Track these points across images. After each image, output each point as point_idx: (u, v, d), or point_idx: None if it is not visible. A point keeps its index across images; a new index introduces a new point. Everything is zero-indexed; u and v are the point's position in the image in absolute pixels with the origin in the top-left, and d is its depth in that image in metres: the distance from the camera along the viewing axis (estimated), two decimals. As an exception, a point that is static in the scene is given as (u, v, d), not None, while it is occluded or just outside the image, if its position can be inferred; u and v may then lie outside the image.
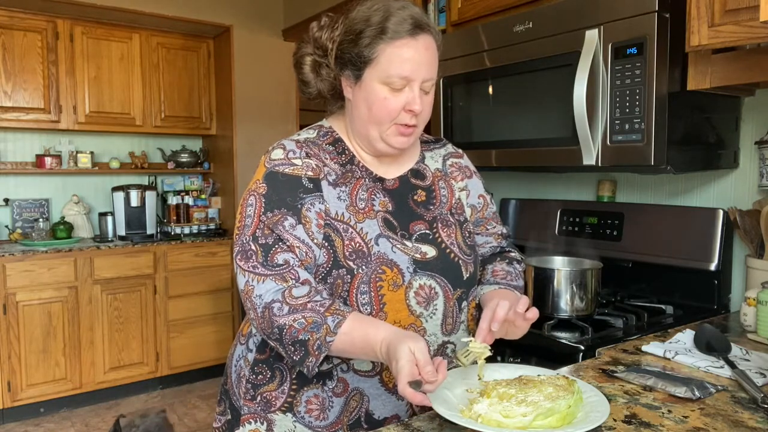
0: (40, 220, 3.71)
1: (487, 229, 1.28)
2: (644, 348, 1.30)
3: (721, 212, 1.70)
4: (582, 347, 1.43)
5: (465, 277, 1.13)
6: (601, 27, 1.52)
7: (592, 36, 1.53)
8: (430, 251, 1.09)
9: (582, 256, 1.76)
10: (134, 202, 3.84)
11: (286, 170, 1.06)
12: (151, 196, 3.92)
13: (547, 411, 0.84)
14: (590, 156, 1.56)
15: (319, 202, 1.05)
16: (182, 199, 4.17)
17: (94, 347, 3.53)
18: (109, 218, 3.89)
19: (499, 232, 1.30)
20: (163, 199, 4.26)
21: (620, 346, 1.34)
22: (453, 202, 1.19)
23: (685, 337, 1.36)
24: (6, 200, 3.74)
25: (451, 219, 1.16)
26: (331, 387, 1.06)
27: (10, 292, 3.26)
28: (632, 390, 1.07)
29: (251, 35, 4.40)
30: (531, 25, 1.72)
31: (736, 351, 1.26)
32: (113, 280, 3.58)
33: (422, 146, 1.24)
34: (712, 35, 1.36)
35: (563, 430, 0.83)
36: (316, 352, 0.94)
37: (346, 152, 1.13)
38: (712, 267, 1.69)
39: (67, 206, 3.89)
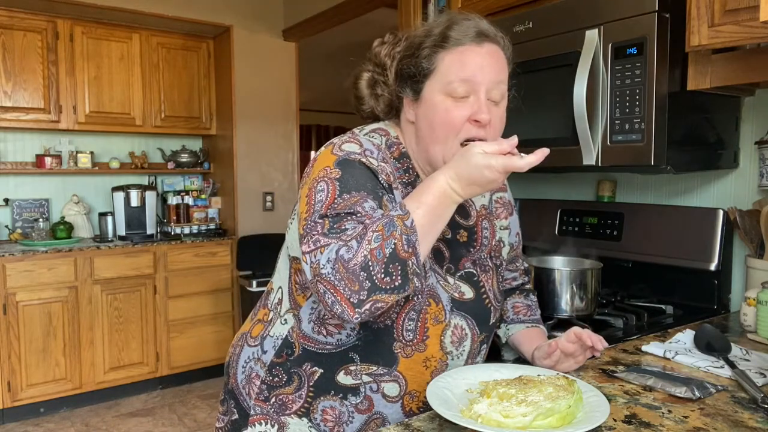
0: (40, 220, 3.71)
1: (516, 266, 1.29)
2: (644, 348, 1.30)
3: (721, 212, 1.70)
4: (582, 347, 1.43)
5: (491, 322, 1.12)
6: (601, 27, 1.52)
7: (592, 36, 1.53)
8: (468, 292, 1.06)
9: (582, 256, 1.76)
10: (134, 202, 3.84)
11: (363, 160, 0.95)
12: (151, 196, 3.92)
13: (547, 411, 0.84)
14: (590, 156, 1.56)
15: (393, 204, 0.96)
16: (182, 199, 4.18)
17: (94, 347, 3.53)
18: (109, 218, 3.89)
19: (523, 269, 1.31)
20: (163, 199, 4.26)
21: (620, 346, 1.34)
22: (493, 244, 1.13)
23: (685, 337, 1.36)
24: (6, 200, 3.74)
25: (489, 264, 1.11)
26: (355, 402, 1.02)
27: (10, 292, 3.26)
28: (632, 390, 1.07)
29: (251, 35, 4.39)
30: (531, 25, 1.72)
31: (736, 351, 1.26)
32: (113, 280, 3.58)
33: None
34: (712, 35, 1.36)
35: (563, 430, 0.83)
36: (410, 249, 0.81)
37: (410, 171, 1.04)
38: (712, 267, 1.69)
39: (67, 206, 3.89)
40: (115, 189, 3.88)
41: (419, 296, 1.00)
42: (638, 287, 1.88)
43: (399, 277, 0.82)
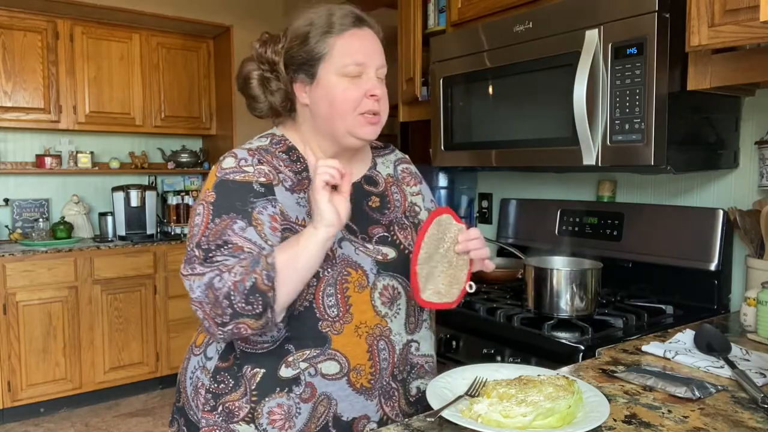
0: (40, 220, 3.71)
1: None
2: (644, 348, 1.30)
3: (721, 212, 1.70)
4: (582, 347, 1.43)
5: None
6: (601, 27, 1.52)
7: (592, 36, 1.53)
8: (391, 252, 1.12)
9: (582, 256, 1.76)
10: (134, 202, 3.84)
11: (237, 177, 1.05)
12: (151, 196, 3.92)
13: (547, 411, 0.84)
14: (590, 156, 1.56)
15: (272, 206, 1.04)
16: (182, 199, 4.18)
17: (94, 347, 3.53)
18: (109, 218, 3.89)
19: None
20: (163, 199, 4.26)
21: (620, 346, 1.34)
22: (406, 205, 1.22)
23: (685, 337, 1.36)
24: (6, 200, 3.74)
25: (406, 222, 1.19)
26: (298, 393, 1.03)
27: (10, 292, 3.26)
28: (632, 390, 1.07)
29: (251, 35, 4.36)
30: (531, 25, 1.72)
31: (736, 351, 1.27)
32: (113, 280, 3.58)
33: (373, 152, 1.26)
34: (712, 35, 1.36)
35: (563, 430, 0.83)
36: (268, 283, 0.93)
37: (301, 160, 1.13)
38: (712, 267, 1.69)
39: (67, 206, 3.89)
40: (115, 189, 3.88)
41: (329, 270, 1.04)
42: (638, 287, 1.88)
43: (260, 306, 0.94)
